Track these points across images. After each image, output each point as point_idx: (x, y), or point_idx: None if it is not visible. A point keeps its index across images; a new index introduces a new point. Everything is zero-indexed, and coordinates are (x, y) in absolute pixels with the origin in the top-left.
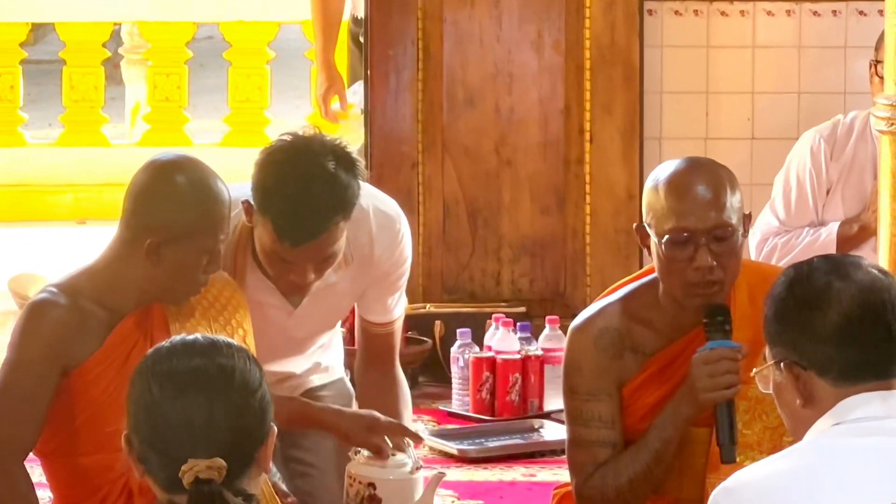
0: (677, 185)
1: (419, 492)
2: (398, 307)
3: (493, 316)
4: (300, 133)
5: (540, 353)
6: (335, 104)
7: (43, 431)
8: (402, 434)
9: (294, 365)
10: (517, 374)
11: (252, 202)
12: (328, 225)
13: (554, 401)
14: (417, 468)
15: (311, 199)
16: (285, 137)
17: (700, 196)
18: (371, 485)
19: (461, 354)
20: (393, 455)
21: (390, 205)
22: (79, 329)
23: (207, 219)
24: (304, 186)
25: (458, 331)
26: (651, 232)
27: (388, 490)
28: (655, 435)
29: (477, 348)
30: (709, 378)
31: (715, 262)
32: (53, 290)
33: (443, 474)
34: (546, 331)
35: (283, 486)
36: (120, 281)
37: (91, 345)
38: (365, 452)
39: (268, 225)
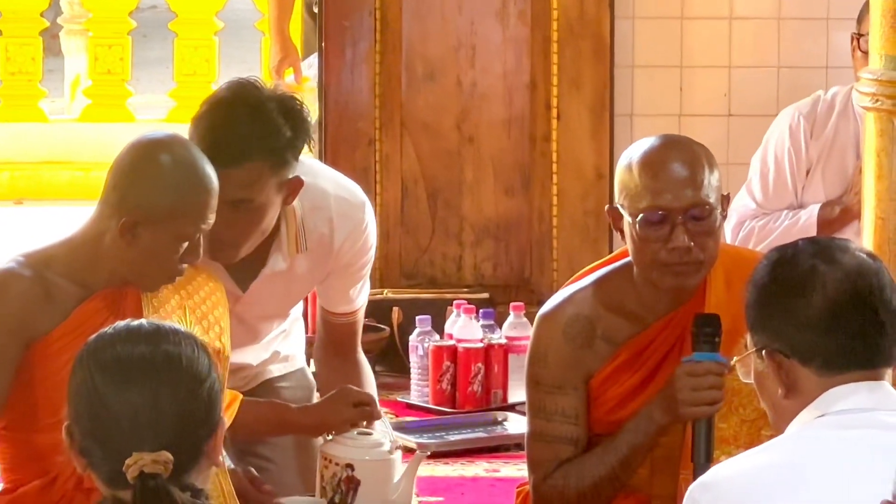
0: (652, 163)
1: (398, 472)
2: (361, 296)
3: (455, 302)
4: (256, 78)
5: (504, 341)
6: (289, 77)
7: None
8: (373, 404)
9: (249, 355)
10: (479, 364)
11: None
12: (242, 159)
13: (518, 392)
14: (396, 447)
15: (232, 126)
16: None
17: (676, 173)
18: (349, 465)
19: (420, 343)
20: (369, 435)
21: (354, 192)
22: (43, 301)
23: (187, 204)
24: (230, 113)
25: (417, 318)
26: (624, 212)
27: (367, 470)
28: (626, 440)
29: (437, 336)
30: (691, 391)
31: (692, 243)
32: (20, 259)
33: (425, 454)
34: (510, 318)
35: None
36: (92, 258)
37: (56, 317)
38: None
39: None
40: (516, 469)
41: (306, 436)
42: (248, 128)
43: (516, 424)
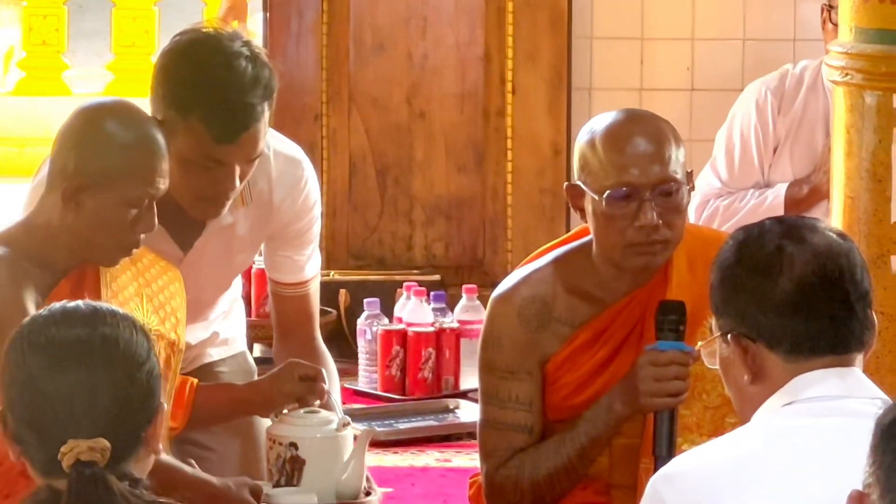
0: (617, 138)
1: (347, 451)
2: (310, 265)
3: (405, 284)
4: (198, 28)
5: (456, 325)
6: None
7: None
8: (318, 378)
9: (189, 334)
10: (430, 349)
11: (160, 112)
12: (258, 112)
13: (471, 378)
14: (344, 425)
15: (239, 85)
16: (184, 35)
17: (643, 148)
18: (293, 444)
19: (369, 327)
20: (317, 412)
21: (292, 147)
22: (23, 287)
23: (130, 167)
24: (229, 72)
25: (365, 301)
26: (587, 190)
27: (312, 449)
28: (584, 430)
29: (386, 320)
30: (654, 382)
31: (660, 221)
32: None
33: (372, 431)
34: (462, 301)
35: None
36: (48, 236)
37: (32, 305)
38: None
39: (194, 126)
40: (468, 459)
41: (255, 415)
42: (253, 83)
43: (468, 412)
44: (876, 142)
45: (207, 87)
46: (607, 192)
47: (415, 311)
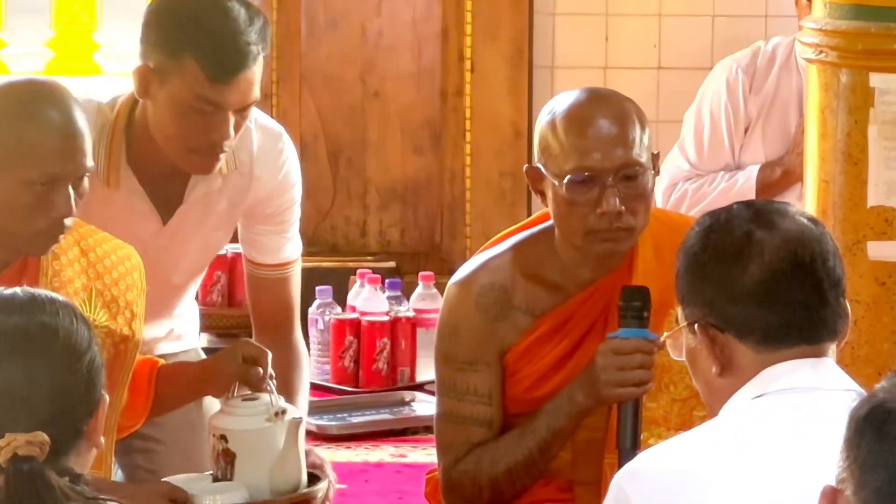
0: (578, 119)
1: (281, 442)
2: (289, 247)
3: (358, 272)
4: None
5: (412, 314)
6: None
7: None
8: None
9: (148, 329)
10: (385, 339)
11: (152, 59)
12: (254, 54)
13: (427, 370)
14: (277, 414)
15: (234, 25)
16: None
17: (605, 130)
18: (223, 437)
19: (320, 316)
20: (255, 400)
21: (274, 123)
22: None
23: (23, 146)
24: (223, 14)
25: (316, 289)
26: (547, 174)
27: (241, 442)
28: (544, 423)
29: (339, 309)
30: (617, 371)
31: (623, 207)
32: None
33: (300, 420)
34: (419, 289)
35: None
36: None
37: None
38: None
39: (188, 67)
40: (425, 454)
41: (209, 395)
42: (247, 22)
43: (425, 405)
44: (851, 122)
45: (201, 26)
46: (567, 176)
47: (369, 300)
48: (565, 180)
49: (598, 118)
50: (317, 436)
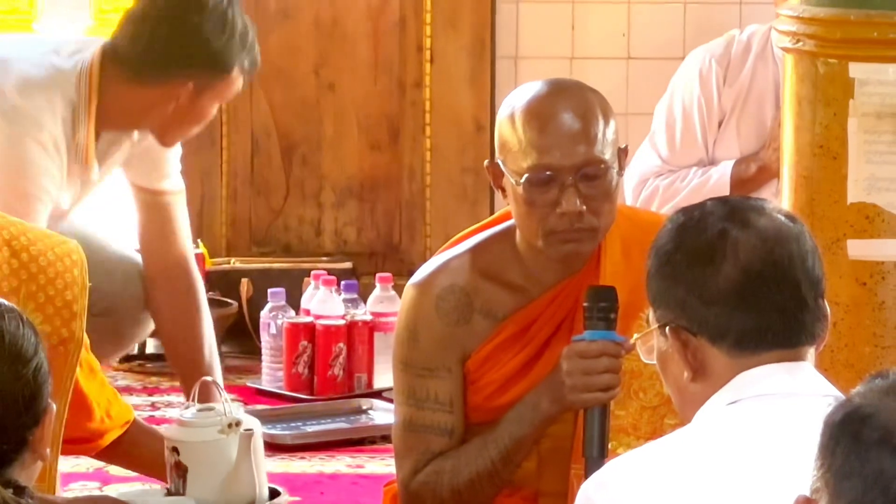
0: (538, 114)
1: (233, 455)
2: (174, 177)
3: (313, 273)
4: None
5: (369, 318)
6: None
7: None
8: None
9: None
10: (341, 344)
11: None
12: None
13: (385, 377)
14: (231, 425)
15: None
16: None
17: (566, 126)
18: (175, 449)
19: (273, 320)
20: (209, 410)
21: None
22: None
23: None
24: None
25: (269, 291)
26: (506, 171)
27: (192, 454)
28: (507, 431)
29: (292, 312)
30: (583, 375)
31: (585, 207)
32: None
33: (251, 432)
34: (376, 291)
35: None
36: None
37: None
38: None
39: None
40: (383, 464)
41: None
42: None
43: (383, 413)
44: (830, 115)
45: (201, 24)
46: (525, 175)
47: (324, 303)
48: (523, 179)
49: (559, 113)
50: (270, 446)
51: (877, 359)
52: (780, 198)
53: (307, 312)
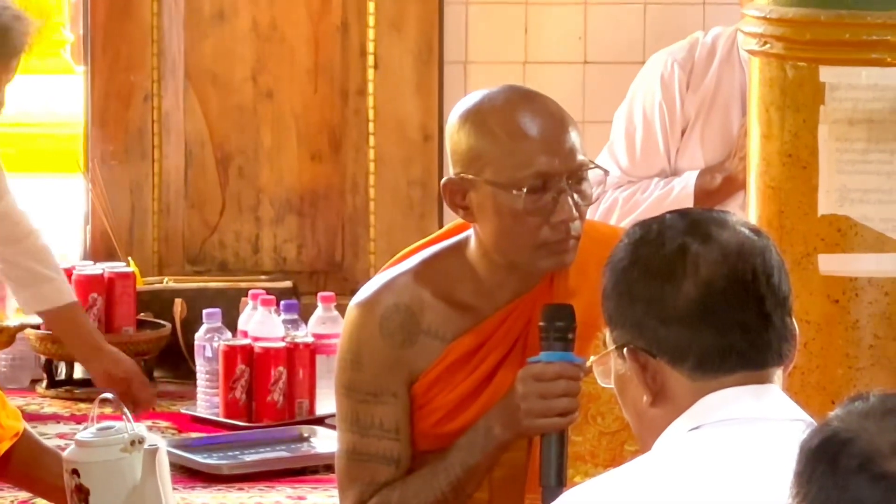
0: (519, 119)
1: (137, 474)
2: None
3: (250, 293)
4: None
5: (310, 340)
6: None
7: None
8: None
9: None
10: (281, 368)
11: None
12: None
13: (328, 402)
14: (133, 443)
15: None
16: None
17: (552, 131)
18: (75, 471)
19: (208, 342)
20: (110, 429)
21: None
22: None
23: None
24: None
25: (204, 311)
26: (485, 185)
27: (93, 476)
28: (458, 459)
29: (229, 334)
30: (540, 399)
31: (577, 213)
32: None
33: (155, 448)
34: (318, 311)
35: None
36: None
37: None
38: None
39: None
40: (326, 495)
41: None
42: None
43: (326, 441)
44: (800, 122)
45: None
46: (522, 184)
47: (262, 324)
48: (522, 189)
49: (540, 117)
50: (206, 476)
51: (850, 381)
52: (747, 210)
53: (245, 334)
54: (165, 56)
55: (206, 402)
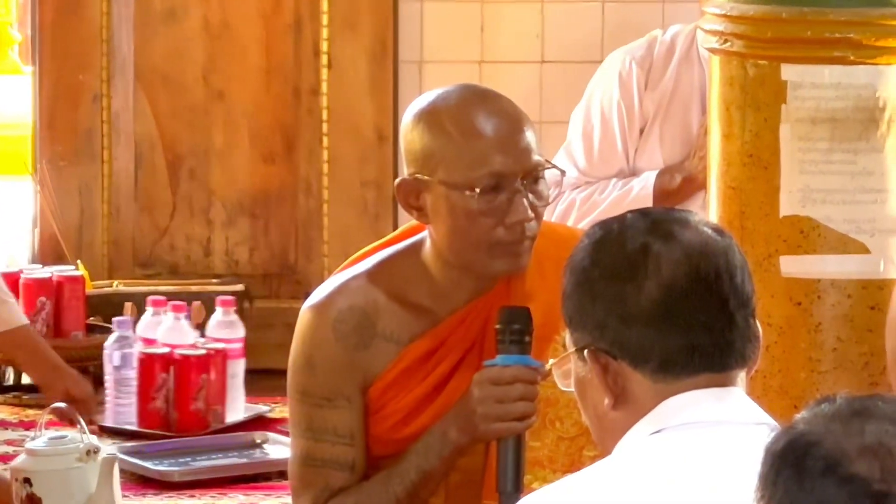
0: (474, 119)
1: (92, 484)
2: None
3: (150, 299)
4: None
5: (222, 346)
6: None
7: None
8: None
9: None
10: (204, 376)
11: None
12: None
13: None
14: (89, 452)
15: None
16: None
17: (507, 130)
18: (27, 480)
19: (118, 350)
20: (63, 438)
21: None
22: None
23: None
24: None
25: (115, 319)
26: (439, 185)
27: (45, 485)
28: (414, 464)
29: (141, 343)
30: (496, 404)
31: (533, 214)
32: None
33: (113, 457)
34: (217, 316)
35: None
36: None
37: None
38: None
39: None
40: (280, 502)
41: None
42: None
43: (279, 447)
44: (761, 121)
45: None
46: (476, 185)
47: (173, 330)
48: (475, 189)
49: (495, 116)
50: (157, 483)
51: (813, 385)
52: (708, 211)
53: (150, 342)
54: (115, 56)
55: (118, 412)
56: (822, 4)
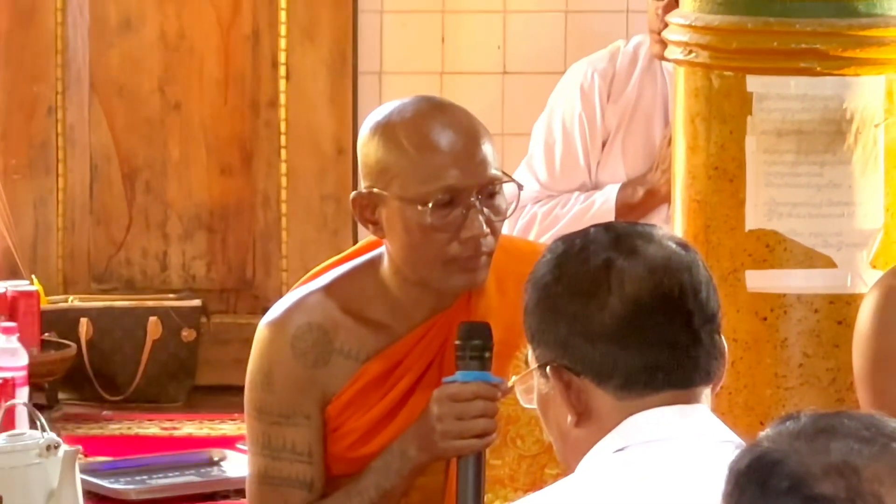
0: (429, 132)
1: (55, 479)
2: None
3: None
4: None
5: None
6: None
7: None
8: None
9: None
10: None
11: None
12: None
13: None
14: (49, 447)
15: None
16: None
17: (462, 144)
18: None
19: None
20: (21, 435)
21: None
22: None
23: None
24: None
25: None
26: (393, 199)
27: (7, 483)
28: (373, 481)
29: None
30: (456, 421)
31: (488, 229)
32: None
33: (77, 450)
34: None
35: None
36: None
37: None
38: None
39: None
40: None
41: None
42: None
43: (236, 465)
44: (726, 133)
45: None
46: (427, 199)
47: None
48: (428, 204)
49: (451, 130)
50: (113, 501)
51: (779, 401)
52: (672, 224)
53: None
54: (70, 67)
55: None
56: (789, 15)
